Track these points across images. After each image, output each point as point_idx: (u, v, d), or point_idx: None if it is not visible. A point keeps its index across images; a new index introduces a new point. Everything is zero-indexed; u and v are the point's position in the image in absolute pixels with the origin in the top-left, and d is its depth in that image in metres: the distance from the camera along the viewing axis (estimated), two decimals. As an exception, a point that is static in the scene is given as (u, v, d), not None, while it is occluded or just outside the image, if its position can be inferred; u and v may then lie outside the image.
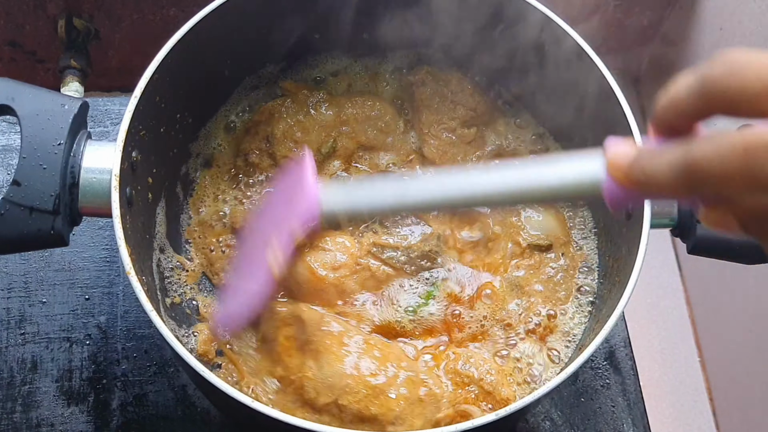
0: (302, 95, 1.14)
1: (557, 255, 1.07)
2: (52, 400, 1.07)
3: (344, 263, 1.02)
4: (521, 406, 0.82)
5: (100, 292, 1.13)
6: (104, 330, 1.11)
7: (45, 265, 1.14)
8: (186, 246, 1.10)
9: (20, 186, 0.87)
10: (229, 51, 1.09)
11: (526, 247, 1.07)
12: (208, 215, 1.10)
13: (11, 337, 1.10)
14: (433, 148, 1.12)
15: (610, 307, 0.90)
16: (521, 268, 1.06)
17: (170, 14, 1.75)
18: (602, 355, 1.15)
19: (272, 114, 1.12)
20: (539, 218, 1.08)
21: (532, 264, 1.06)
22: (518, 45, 1.09)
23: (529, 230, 1.07)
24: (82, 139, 0.92)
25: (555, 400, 1.12)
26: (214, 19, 1.00)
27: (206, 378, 0.81)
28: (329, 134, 1.12)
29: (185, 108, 1.07)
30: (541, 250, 1.07)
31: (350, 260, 1.02)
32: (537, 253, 1.07)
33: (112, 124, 1.25)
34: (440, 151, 1.12)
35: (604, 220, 1.06)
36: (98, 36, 1.75)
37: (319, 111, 1.13)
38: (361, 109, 1.13)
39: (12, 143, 1.22)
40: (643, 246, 0.89)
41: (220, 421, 1.07)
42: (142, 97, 0.93)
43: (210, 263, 1.08)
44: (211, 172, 1.13)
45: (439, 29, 1.11)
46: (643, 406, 1.13)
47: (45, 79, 1.85)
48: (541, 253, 1.07)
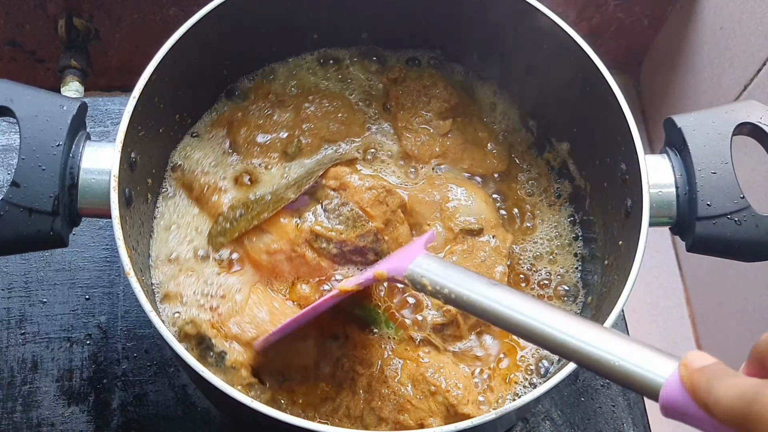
0: (259, 99, 1.13)
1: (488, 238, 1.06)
2: (53, 399, 1.07)
3: (279, 249, 1.02)
4: (521, 405, 0.82)
5: (101, 292, 1.14)
6: (104, 330, 1.11)
7: (45, 265, 1.14)
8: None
9: (19, 187, 0.87)
10: (229, 52, 1.09)
11: (458, 233, 1.06)
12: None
13: (12, 336, 1.10)
14: (410, 142, 1.13)
15: (609, 305, 0.90)
16: (455, 253, 1.05)
17: (170, 14, 1.75)
18: (602, 354, 1.15)
19: (231, 122, 1.12)
20: (469, 203, 1.08)
21: (465, 249, 1.06)
22: (516, 42, 1.09)
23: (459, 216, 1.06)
24: (81, 140, 0.92)
25: (555, 399, 1.12)
26: (214, 19, 1.01)
27: (206, 378, 0.81)
28: (292, 134, 1.12)
29: (184, 108, 1.07)
30: (473, 234, 1.06)
31: (287, 246, 1.02)
32: (469, 237, 1.06)
33: (112, 123, 1.25)
34: (417, 143, 1.13)
35: (603, 218, 1.06)
36: (98, 36, 1.75)
37: (278, 113, 1.13)
38: (320, 105, 1.14)
39: (12, 143, 1.22)
40: (642, 243, 0.89)
41: (220, 420, 1.07)
42: (140, 97, 0.93)
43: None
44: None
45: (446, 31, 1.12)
46: (643, 405, 1.13)
47: (45, 78, 1.85)
48: (473, 237, 1.06)
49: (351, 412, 0.95)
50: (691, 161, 0.94)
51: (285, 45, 1.16)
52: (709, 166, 0.94)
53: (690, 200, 0.94)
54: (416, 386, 0.95)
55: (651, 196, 0.92)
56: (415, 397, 0.94)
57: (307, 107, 1.13)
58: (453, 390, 0.94)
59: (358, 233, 1.01)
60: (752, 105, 0.97)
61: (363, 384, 0.97)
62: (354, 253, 1.02)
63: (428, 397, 0.94)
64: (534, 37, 1.05)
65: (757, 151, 0.99)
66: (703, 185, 0.93)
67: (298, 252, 1.01)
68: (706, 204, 0.93)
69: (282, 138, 1.11)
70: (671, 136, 0.99)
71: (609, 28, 2.08)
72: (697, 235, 0.94)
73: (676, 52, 2.00)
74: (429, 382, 0.95)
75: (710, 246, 0.95)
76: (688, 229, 0.95)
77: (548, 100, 1.13)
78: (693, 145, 0.95)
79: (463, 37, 1.15)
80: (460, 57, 1.19)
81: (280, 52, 1.17)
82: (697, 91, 1.91)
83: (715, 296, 1.87)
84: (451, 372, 0.96)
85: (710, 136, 0.95)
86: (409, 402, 0.94)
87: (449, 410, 0.94)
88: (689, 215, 0.95)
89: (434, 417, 0.93)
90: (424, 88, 1.16)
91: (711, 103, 1.83)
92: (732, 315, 1.75)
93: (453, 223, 1.06)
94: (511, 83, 1.18)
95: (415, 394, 0.95)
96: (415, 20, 1.15)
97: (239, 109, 1.13)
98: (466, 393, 0.95)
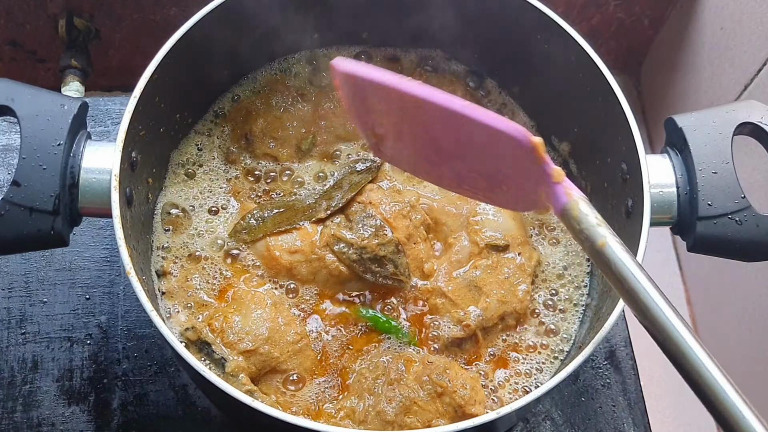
0: (279, 90, 1.14)
1: (514, 255, 1.06)
2: (53, 399, 1.07)
3: (300, 248, 1.02)
4: (521, 405, 0.82)
5: (101, 292, 1.14)
6: (105, 330, 1.11)
7: (46, 264, 1.14)
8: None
9: (20, 186, 0.87)
10: (229, 51, 1.09)
11: (483, 247, 1.06)
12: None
13: (12, 336, 1.10)
14: None
15: (610, 305, 0.90)
16: (479, 267, 1.05)
17: (171, 14, 1.75)
18: (603, 354, 1.15)
19: (249, 112, 1.12)
20: (497, 219, 1.07)
21: (490, 264, 1.05)
22: (517, 43, 1.09)
23: (486, 231, 1.06)
24: (81, 140, 0.92)
25: (555, 399, 1.12)
26: (214, 19, 1.00)
27: (207, 377, 0.81)
28: (309, 130, 1.12)
29: (185, 108, 1.08)
30: (499, 250, 1.06)
31: (308, 247, 1.02)
32: (494, 253, 1.06)
33: (112, 123, 1.25)
34: None
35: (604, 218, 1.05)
36: (99, 35, 1.75)
37: (296, 107, 1.13)
38: (338, 103, 1.13)
39: (13, 143, 1.22)
40: (643, 243, 0.89)
41: (221, 420, 1.07)
42: (141, 97, 0.93)
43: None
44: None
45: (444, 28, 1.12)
46: (643, 405, 1.13)
47: (45, 78, 1.85)
48: (498, 253, 1.06)
49: (355, 416, 0.95)
50: (692, 161, 0.94)
51: (284, 46, 1.16)
52: (710, 166, 0.94)
53: (691, 200, 0.94)
54: (423, 387, 0.94)
55: (652, 196, 0.92)
56: (422, 399, 0.94)
57: (325, 104, 1.13)
58: (460, 390, 0.94)
59: (379, 242, 1.02)
60: (753, 105, 0.97)
61: (368, 386, 0.97)
62: (373, 262, 1.02)
63: (435, 399, 0.94)
64: (535, 37, 1.05)
65: (757, 150, 0.99)
66: (704, 185, 0.93)
67: (318, 254, 1.02)
68: (707, 204, 0.93)
69: (300, 132, 1.12)
70: (672, 135, 0.99)
71: (609, 28, 2.08)
72: (698, 234, 0.94)
73: (677, 52, 2.00)
74: (436, 383, 0.94)
75: (711, 246, 0.95)
76: (689, 228, 0.95)
77: (549, 100, 1.13)
78: (694, 145, 0.95)
79: (463, 37, 1.15)
80: (460, 57, 1.19)
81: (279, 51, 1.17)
82: (698, 91, 1.91)
83: (715, 296, 1.87)
84: (457, 373, 0.96)
85: (711, 136, 0.95)
86: (415, 403, 0.93)
87: (457, 411, 0.93)
88: (690, 215, 0.94)
89: (442, 418, 0.93)
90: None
91: (711, 103, 1.83)
92: (732, 315, 1.75)
93: (479, 237, 1.05)
94: (512, 83, 1.18)
95: (422, 396, 0.94)
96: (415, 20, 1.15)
97: (259, 98, 1.13)
98: (473, 394, 0.95)
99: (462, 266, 1.05)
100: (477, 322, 1.01)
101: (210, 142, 1.12)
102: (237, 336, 0.95)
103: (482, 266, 1.04)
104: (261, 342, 0.96)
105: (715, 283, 1.86)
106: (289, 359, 0.97)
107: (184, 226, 1.06)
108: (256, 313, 0.98)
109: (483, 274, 1.04)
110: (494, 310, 1.01)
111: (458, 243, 1.06)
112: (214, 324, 0.97)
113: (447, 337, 1.01)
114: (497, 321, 1.02)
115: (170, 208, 1.06)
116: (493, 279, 1.03)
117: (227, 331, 0.96)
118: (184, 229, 1.06)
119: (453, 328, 1.02)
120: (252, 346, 0.95)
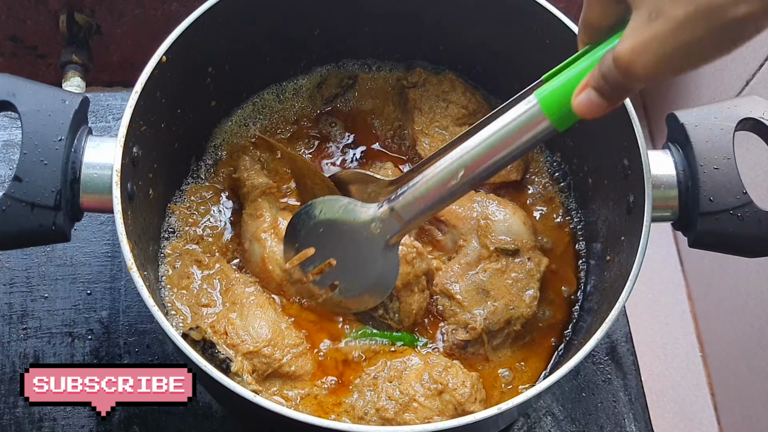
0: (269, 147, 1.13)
1: (524, 260, 1.05)
2: (55, 394, 1.07)
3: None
4: (522, 401, 0.82)
5: (102, 287, 1.14)
6: (106, 325, 1.11)
7: (47, 260, 1.14)
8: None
9: (21, 182, 0.87)
10: (231, 46, 1.09)
11: (493, 251, 1.05)
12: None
13: (13, 331, 1.10)
14: (426, 146, 1.12)
15: (611, 300, 0.90)
16: (487, 271, 1.04)
17: (172, 9, 1.75)
18: (604, 350, 1.15)
19: (240, 154, 1.12)
20: (507, 223, 1.06)
21: (499, 268, 1.04)
22: (519, 40, 1.09)
23: (496, 235, 1.05)
24: (83, 135, 0.92)
25: (556, 395, 1.12)
26: (216, 14, 1.00)
27: (208, 373, 0.81)
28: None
29: (186, 103, 1.07)
30: (508, 255, 1.05)
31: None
32: (504, 257, 1.05)
33: (114, 119, 1.25)
34: (433, 149, 1.12)
35: (605, 214, 1.05)
36: (99, 31, 1.75)
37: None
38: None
39: (14, 138, 1.22)
40: (644, 239, 0.89)
41: (222, 415, 1.07)
42: (142, 92, 0.93)
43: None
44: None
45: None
46: (644, 401, 1.13)
47: (46, 74, 1.85)
48: (508, 257, 1.05)
49: (355, 413, 0.95)
50: (694, 157, 0.94)
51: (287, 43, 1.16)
52: (711, 162, 0.94)
53: (692, 196, 0.94)
54: (423, 385, 0.94)
55: (653, 192, 0.92)
56: (422, 396, 0.94)
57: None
58: (460, 388, 0.94)
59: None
60: (755, 100, 0.97)
61: (368, 383, 0.97)
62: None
63: (435, 396, 0.94)
64: (536, 32, 1.05)
65: (759, 146, 0.99)
66: (705, 181, 0.93)
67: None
68: (709, 199, 0.93)
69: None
70: (674, 131, 0.99)
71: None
72: (700, 230, 0.94)
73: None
74: (436, 381, 0.94)
75: (712, 241, 0.95)
76: (691, 224, 0.95)
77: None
78: (695, 141, 0.95)
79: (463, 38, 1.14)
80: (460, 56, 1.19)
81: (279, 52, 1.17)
82: (699, 87, 1.90)
83: (716, 292, 1.87)
84: (458, 371, 0.96)
85: (713, 132, 0.95)
86: (415, 400, 0.93)
87: (456, 409, 0.93)
88: (691, 211, 0.94)
89: (441, 416, 0.93)
90: (443, 93, 1.15)
91: (713, 99, 1.83)
92: (733, 310, 1.75)
93: (489, 240, 1.05)
94: (513, 80, 1.17)
95: (422, 393, 0.94)
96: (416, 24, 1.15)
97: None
98: (473, 391, 0.94)
99: (471, 269, 1.05)
100: (483, 326, 1.00)
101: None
102: (239, 338, 0.95)
103: (491, 270, 1.04)
104: (263, 344, 0.96)
105: (717, 278, 1.86)
106: (291, 362, 0.97)
107: (187, 222, 1.06)
108: (258, 315, 0.98)
109: (491, 278, 1.03)
110: (501, 314, 1.01)
111: (468, 245, 1.06)
112: (216, 326, 0.97)
113: (452, 339, 1.01)
114: (503, 325, 1.02)
115: (173, 204, 1.06)
116: (502, 283, 1.03)
117: (230, 333, 0.96)
118: (187, 226, 1.06)
119: (459, 330, 1.02)
120: (254, 348, 0.95)
